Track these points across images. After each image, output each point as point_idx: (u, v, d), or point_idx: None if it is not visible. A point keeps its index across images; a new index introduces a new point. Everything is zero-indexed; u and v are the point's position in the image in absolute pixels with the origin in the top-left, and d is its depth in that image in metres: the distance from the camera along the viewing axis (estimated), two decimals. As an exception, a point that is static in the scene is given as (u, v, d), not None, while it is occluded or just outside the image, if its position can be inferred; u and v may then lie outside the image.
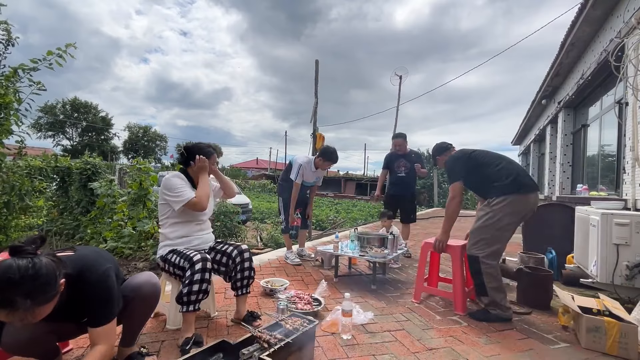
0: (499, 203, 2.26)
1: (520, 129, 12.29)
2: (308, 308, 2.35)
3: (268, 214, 10.53)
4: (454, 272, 2.61)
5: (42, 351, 1.44)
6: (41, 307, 1.12)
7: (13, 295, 1.05)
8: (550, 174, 7.79)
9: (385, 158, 4.63)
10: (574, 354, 1.96)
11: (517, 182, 2.28)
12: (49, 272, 1.13)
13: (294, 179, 3.83)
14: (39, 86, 3.14)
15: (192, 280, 1.82)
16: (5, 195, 3.33)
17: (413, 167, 4.34)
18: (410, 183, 4.43)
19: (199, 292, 1.84)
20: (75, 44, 3.21)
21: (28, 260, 1.10)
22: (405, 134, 4.50)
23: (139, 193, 4.37)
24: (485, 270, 2.29)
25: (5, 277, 1.05)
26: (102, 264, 1.38)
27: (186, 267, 1.88)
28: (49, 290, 1.13)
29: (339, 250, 3.31)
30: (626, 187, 3.69)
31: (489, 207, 2.31)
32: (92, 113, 41.79)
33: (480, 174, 2.41)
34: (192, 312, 1.87)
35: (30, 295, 1.08)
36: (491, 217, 2.28)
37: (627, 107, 3.70)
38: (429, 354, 1.89)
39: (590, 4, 4.25)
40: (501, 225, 2.27)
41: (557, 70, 6.45)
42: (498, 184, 2.31)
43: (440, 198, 19.03)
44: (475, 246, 2.33)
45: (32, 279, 1.08)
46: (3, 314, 1.07)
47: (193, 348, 1.73)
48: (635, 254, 2.56)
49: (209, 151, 2.25)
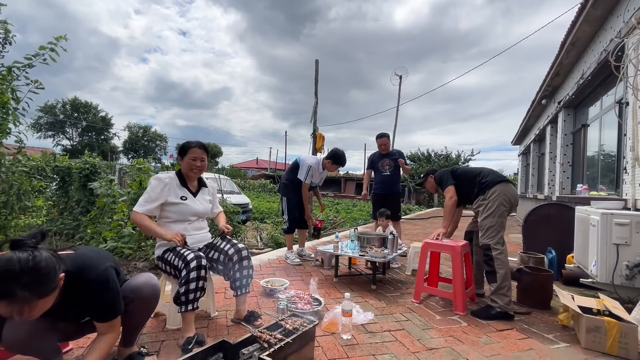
0: (493, 194, 2.58)
1: (520, 129, 12.28)
2: (308, 308, 2.35)
3: (268, 214, 10.54)
4: (454, 272, 2.61)
5: (42, 350, 1.43)
6: (40, 300, 1.14)
7: (12, 287, 1.07)
8: (550, 173, 7.79)
9: (369, 158, 4.81)
10: (574, 354, 1.96)
11: (498, 176, 2.71)
12: (48, 265, 1.15)
13: (304, 179, 3.83)
14: (36, 84, 3.11)
15: (187, 279, 1.83)
16: (4, 194, 3.32)
17: (397, 165, 4.45)
18: (395, 181, 4.53)
19: (195, 290, 1.85)
20: (66, 36, 3.13)
21: (28, 253, 1.12)
22: (389, 133, 4.63)
23: (138, 193, 4.36)
24: (496, 255, 2.48)
25: (5, 269, 1.07)
26: (102, 262, 1.39)
27: (181, 267, 1.88)
28: (48, 283, 1.14)
29: (339, 250, 3.31)
30: (626, 187, 3.69)
31: (485, 200, 2.61)
32: (92, 113, 41.83)
33: (467, 180, 2.81)
34: (191, 312, 1.87)
35: (29, 287, 1.09)
36: (490, 207, 2.57)
37: (627, 107, 3.70)
38: (429, 354, 1.89)
39: (591, 3, 4.25)
40: (500, 212, 2.55)
41: (557, 70, 6.44)
42: (484, 179, 2.68)
43: (440, 198, 19.05)
44: (485, 235, 2.55)
45: (31, 271, 1.10)
46: (2, 305, 1.09)
47: (195, 347, 1.73)
48: (635, 253, 2.56)
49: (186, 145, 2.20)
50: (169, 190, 2.10)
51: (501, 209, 2.54)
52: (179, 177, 2.20)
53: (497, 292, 2.44)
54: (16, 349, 1.40)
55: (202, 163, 2.21)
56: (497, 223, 2.53)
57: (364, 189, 4.83)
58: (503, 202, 2.55)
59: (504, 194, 2.57)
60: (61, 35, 3.11)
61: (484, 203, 2.61)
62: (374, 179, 4.71)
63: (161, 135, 49.30)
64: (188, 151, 2.17)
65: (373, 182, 4.73)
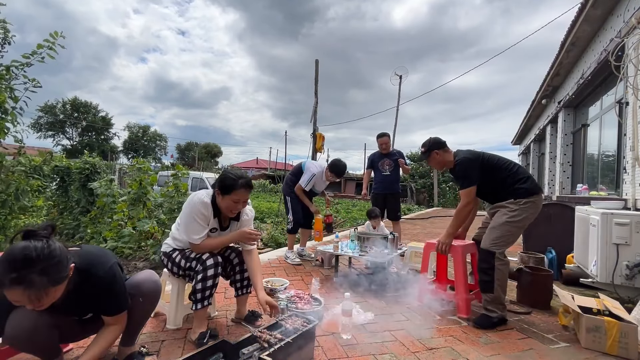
0: (527, 202, 2.27)
1: (521, 129, 12.29)
2: (308, 308, 2.35)
3: (268, 214, 10.52)
4: (456, 273, 2.53)
5: (43, 347, 1.43)
6: (53, 288, 1.18)
7: (30, 273, 1.11)
8: (550, 173, 7.79)
9: (369, 158, 4.80)
10: (574, 354, 1.96)
11: (536, 184, 2.35)
12: (62, 253, 1.21)
13: (304, 186, 3.84)
14: (34, 83, 3.09)
15: (205, 277, 1.86)
16: (2, 194, 3.32)
17: (397, 165, 4.46)
18: (395, 181, 4.54)
19: (212, 287, 1.89)
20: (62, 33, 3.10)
21: (43, 241, 1.18)
22: (389, 133, 4.63)
23: (138, 193, 4.36)
24: (498, 266, 2.26)
25: (22, 255, 1.12)
26: (108, 259, 1.45)
27: (196, 267, 1.90)
28: (62, 271, 1.20)
29: (339, 250, 3.31)
30: (626, 186, 3.69)
31: (516, 206, 2.28)
32: (91, 113, 41.79)
33: (497, 178, 2.38)
34: (204, 308, 1.91)
35: (45, 273, 1.14)
36: (518, 215, 2.27)
37: (627, 107, 3.70)
38: (429, 354, 1.89)
39: (591, 3, 4.25)
40: (523, 224, 2.30)
41: (557, 70, 6.45)
42: (522, 185, 2.31)
43: (440, 198, 19.04)
44: (495, 242, 2.29)
45: (47, 258, 1.15)
46: (18, 291, 1.12)
47: (210, 341, 1.74)
48: (635, 253, 2.56)
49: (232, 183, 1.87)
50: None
51: (526, 222, 2.30)
52: (213, 205, 1.97)
53: (495, 303, 2.31)
54: (18, 345, 1.40)
55: (244, 205, 1.96)
56: (512, 234, 2.30)
57: (364, 189, 4.86)
58: (531, 215, 2.30)
59: (536, 207, 2.30)
60: (57, 31, 3.07)
61: (512, 207, 2.30)
62: (373, 178, 4.71)
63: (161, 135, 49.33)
64: (232, 191, 1.87)
65: (373, 181, 4.74)
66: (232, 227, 2.12)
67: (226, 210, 1.94)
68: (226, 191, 1.88)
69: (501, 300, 2.32)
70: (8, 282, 1.10)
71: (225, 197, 1.89)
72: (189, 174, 5.54)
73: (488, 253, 2.29)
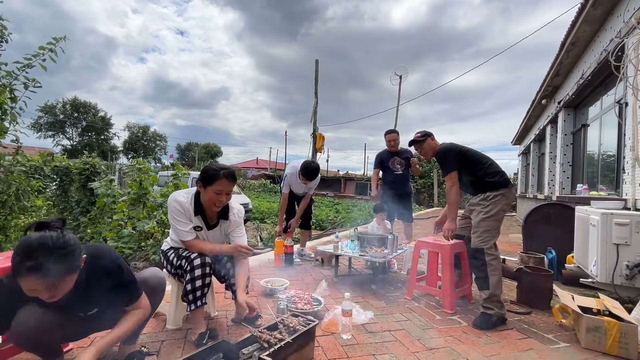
0: (497, 196, 2.43)
1: (520, 129, 12.28)
2: (308, 308, 2.35)
3: (268, 214, 10.54)
4: (443, 271, 2.64)
5: (46, 346, 1.44)
6: (68, 277, 1.21)
7: (47, 261, 1.13)
8: (550, 173, 7.78)
9: (377, 157, 4.50)
10: (574, 354, 1.96)
11: (506, 178, 2.52)
12: (75, 242, 1.25)
13: (282, 188, 3.79)
14: (33, 83, 3.09)
15: (193, 277, 1.85)
16: (3, 194, 3.32)
17: (408, 164, 4.27)
18: (406, 180, 4.37)
19: (202, 287, 1.88)
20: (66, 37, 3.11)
21: (58, 232, 1.21)
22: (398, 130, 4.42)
23: (138, 193, 4.36)
24: (489, 261, 2.36)
25: (39, 243, 1.14)
26: (112, 252, 1.49)
27: (184, 266, 1.90)
28: (76, 260, 1.23)
29: (339, 250, 3.31)
30: (626, 187, 3.69)
31: (487, 201, 2.45)
32: (91, 113, 41.76)
33: (474, 171, 2.55)
34: (200, 308, 1.90)
35: (61, 261, 1.16)
36: (491, 210, 2.42)
37: (627, 107, 3.70)
38: (429, 354, 1.89)
39: (591, 3, 4.25)
40: (499, 217, 2.44)
41: (557, 70, 6.44)
42: (492, 179, 2.48)
43: (441, 198, 19.02)
44: (480, 238, 2.41)
45: (63, 247, 1.18)
46: (34, 279, 1.13)
47: (210, 341, 1.73)
48: (635, 253, 2.56)
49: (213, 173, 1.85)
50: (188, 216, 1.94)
51: (501, 214, 2.44)
52: (195, 202, 1.93)
53: (491, 299, 2.33)
54: (21, 342, 1.40)
55: (227, 197, 1.89)
56: (493, 227, 2.42)
57: (374, 189, 4.53)
58: (504, 207, 2.44)
59: (506, 199, 2.45)
60: (60, 37, 3.10)
61: (484, 204, 2.45)
62: (382, 178, 4.49)
63: (161, 135, 49.30)
64: (214, 182, 1.82)
65: (382, 181, 4.53)
66: (222, 226, 2.08)
67: (209, 203, 1.88)
68: (208, 182, 1.84)
69: (498, 297, 2.34)
70: (25, 270, 1.11)
71: (208, 188, 1.84)
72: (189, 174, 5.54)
73: (477, 250, 2.42)
